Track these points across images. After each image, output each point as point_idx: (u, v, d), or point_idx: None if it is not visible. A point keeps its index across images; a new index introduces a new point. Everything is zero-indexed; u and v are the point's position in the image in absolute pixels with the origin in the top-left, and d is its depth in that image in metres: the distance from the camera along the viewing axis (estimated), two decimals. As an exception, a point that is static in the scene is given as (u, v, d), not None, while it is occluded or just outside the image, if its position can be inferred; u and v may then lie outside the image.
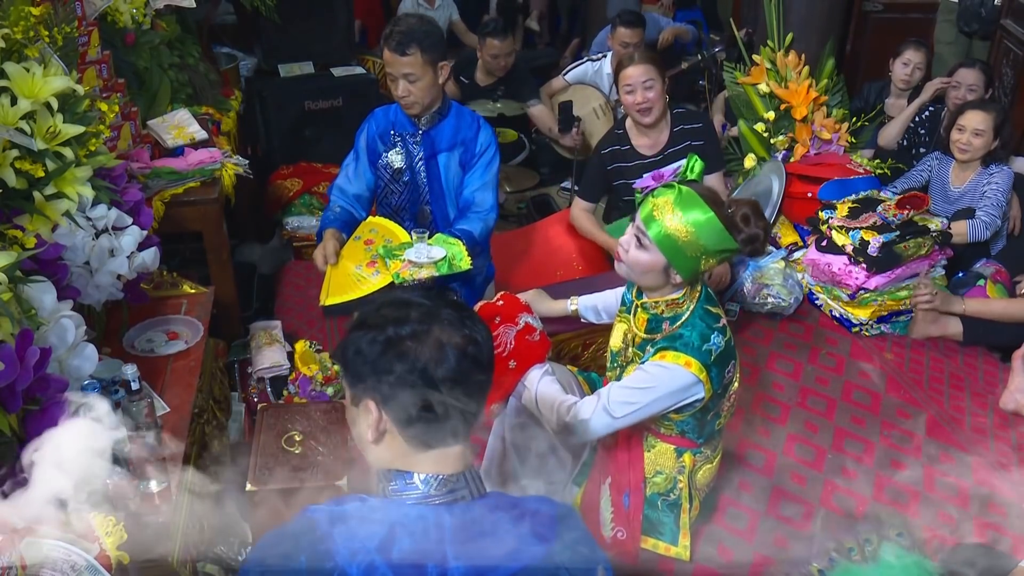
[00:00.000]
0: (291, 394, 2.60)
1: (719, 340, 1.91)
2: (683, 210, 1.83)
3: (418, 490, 1.14)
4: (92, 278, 1.96)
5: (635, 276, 1.96)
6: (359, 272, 2.37)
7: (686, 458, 2.07)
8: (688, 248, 1.83)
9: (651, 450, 2.09)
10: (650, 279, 1.93)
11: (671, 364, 1.88)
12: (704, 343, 1.89)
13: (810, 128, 3.84)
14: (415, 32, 2.42)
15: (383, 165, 2.66)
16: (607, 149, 3.17)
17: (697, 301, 1.94)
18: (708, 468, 2.15)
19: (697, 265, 1.87)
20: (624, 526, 2.09)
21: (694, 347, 1.88)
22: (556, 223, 3.40)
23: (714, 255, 1.86)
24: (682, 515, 2.10)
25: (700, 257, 1.85)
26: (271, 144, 4.13)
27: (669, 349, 1.90)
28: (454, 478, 1.15)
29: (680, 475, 2.08)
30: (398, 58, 2.43)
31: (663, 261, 1.87)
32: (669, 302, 1.95)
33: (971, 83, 3.72)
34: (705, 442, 2.09)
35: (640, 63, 3.00)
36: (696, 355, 1.87)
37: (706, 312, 1.94)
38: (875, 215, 3.28)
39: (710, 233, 1.82)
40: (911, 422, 2.80)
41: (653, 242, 1.86)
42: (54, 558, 1.38)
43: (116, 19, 2.94)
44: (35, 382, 1.49)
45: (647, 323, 1.99)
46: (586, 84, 4.51)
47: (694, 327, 1.91)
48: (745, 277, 3.37)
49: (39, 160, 1.79)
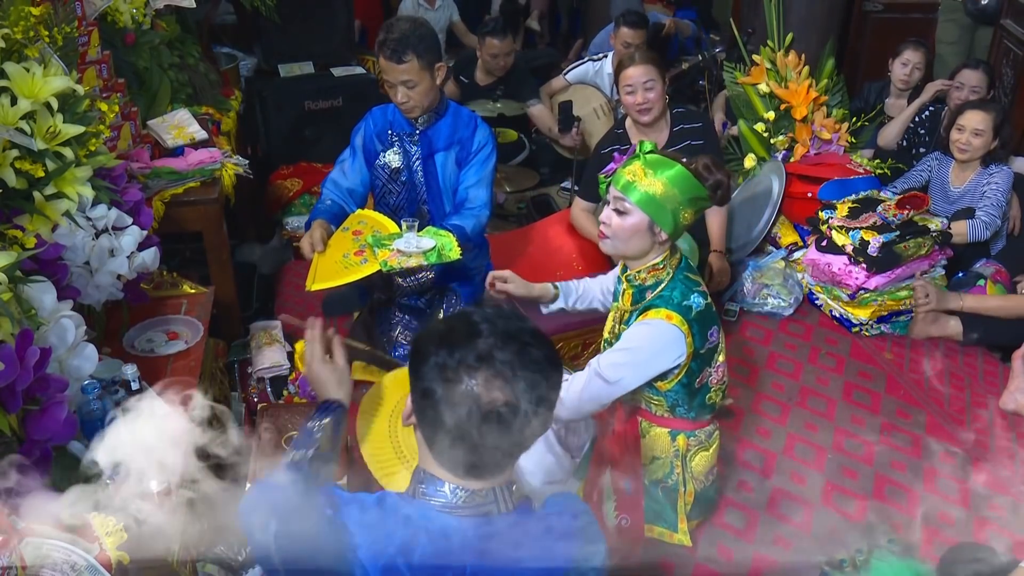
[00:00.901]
0: (291, 394, 2.60)
1: (699, 300, 2.01)
2: (654, 169, 1.96)
3: (445, 498, 1.14)
4: (92, 278, 1.96)
5: (622, 245, 2.03)
6: (347, 259, 2.35)
7: (680, 441, 2.13)
8: (667, 202, 1.95)
9: (646, 435, 2.14)
10: (636, 243, 2.01)
11: (653, 319, 1.98)
12: (684, 300, 1.99)
13: (810, 128, 3.84)
14: (409, 37, 2.40)
15: (381, 165, 2.65)
16: (607, 149, 3.17)
17: (677, 268, 2.05)
18: (704, 455, 2.17)
19: (677, 218, 1.97)
20: (628, 512, 2.14)
21: (674, 302, 1.99)
22: (556, 223, 3.39)
23: (690, 204, 1.97)
24: (679, 500, 2.14)
25: (679, 209, 1.96)
26: (271, 144, 4.13)
27: (650, 308, 2.00)
28: (483, 492, 1.15)
29: (676, 459, 2.13)
30: (395, 66, 2.41)
31: (647, 220, 1.97)
32: (650, 268, 2.04)
33: (974, 84, 3.72)
34: (696, 418, 2.12)
35: (641, 63, 3.00)
36: (675, 308, 1.98)
37: (686, 277, 2.05)
38: (875, 215, 3.28)
39: (683, 183, 1.95)
40: (911, 422, 2.80)
41: (635, 204, 1.96)
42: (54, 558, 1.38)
43: (116, 19, 2.93)
44: (35, 382, 1.49)
45: (632, 296, 2.08)
46: (587, 84, 4.50)
47: (674, 287, 2.02)
48: (745, 277, 3.37)
49: (39, 160, 1.79)
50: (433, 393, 1.10)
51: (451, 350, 1.10)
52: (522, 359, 1.11)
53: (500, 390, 1.08)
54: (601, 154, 3.19)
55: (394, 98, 2.51)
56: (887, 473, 2.57)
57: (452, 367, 1.09)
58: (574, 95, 4.39)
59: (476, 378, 1.08)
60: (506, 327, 1.13)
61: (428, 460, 1.17)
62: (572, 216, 3.29)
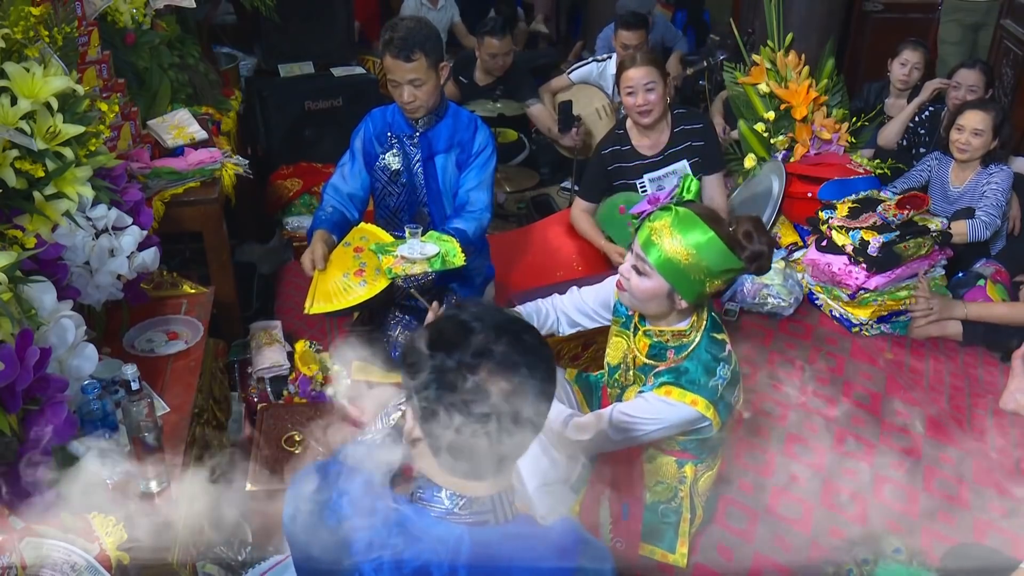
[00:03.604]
0: (291, 394, 2.60)
1: (725, 371, 1.85)
2: (682, 232, 1.77)
3: (443, 505, 1.14)
4: (92, 278, 1.96)
5: (639, 305, 1.91)
6: (346, 280, 2.35)
7: (687, 470, 2.05)
8: (691, 271, 1.78)
9: (651, 462, 2.07)
10: (655, 306, 1.87)
11: (676, 402, 1.82)
12: (711, 379, 1.82)
13: (810, 128, 3.84)
14: (416, 36, 2.39)
15: (381, 167, 2.65)
16: (608, 149, 3.17)
17: (703, 331, 1.88)
18: (709, 475, 2.13)
19: (702, 288, 1.81)
20: (623, 536, 2.08)
21: (700, 384, 1.82)
22: (556, 223, 3.39)
23: (718, 276, 1.80)
24: (682, 524, 2.08)
25: (704, 279, 1.79)
26: (271, 144, 4.13)
27: (674, 386, 1.83)
28: (480, 501, 1.14)
29: (681, 485, 2.06)
30: (403, 64, 2.40)
31: (666, 287, 1.81)
32: (675, 333, 1.89)
33: (971, 83, 3.72)
34: (708, 454, 2.08)
35: (642, 65, 3.00)
36: (703, 392, 1.81)
37: (712, 341, 1.87)
38: (875, 215, 3.28)
39: (712, 254, 1.76)
40: (911, 422, 2.80)
41: (654, 268, 1.80)
42: (54, 558, 1.38)
43: (116, 19, 2.94)
44: (35, 382, 1.49)
45: (649, 348, 1.94)
46: (590, 84, 4.51)
47: (699, 360, 1.84)
48: (745, 277, 3.37)
49: (39, 160, 1.79)
50: (438, 399, 1.09)
51: (448, 352, 1.10)
52: (518, 349, 1.10)
53: (504, 381, 1.08)
54: (602, 154, 3.19)
55: (399, 98, 2.50)
56: (887, 473, 2.56)
57: (452, 368, 1.08)
58: (577, 95, 4.39)
59: (479, 374, 1.08)
60: (495, 320, 1.13)
61: (430, 466, 1.16)
62: (572, 217, 3.28)
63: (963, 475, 2.57)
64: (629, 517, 2.06)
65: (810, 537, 2.32)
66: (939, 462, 2.61)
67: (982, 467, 2.60)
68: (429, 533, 1.11)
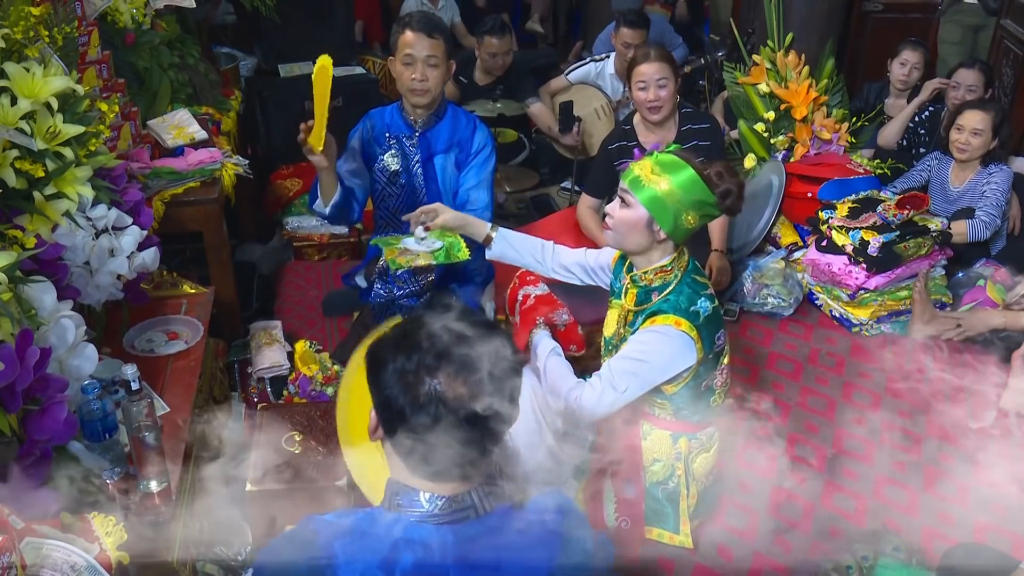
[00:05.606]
0: (291, 394, 2.60)
1: (707, 304, 1.99)
2: (663, 168, 1.96)
3: (423, 508, 1.13)
4: (92, 278, 1.96)
5: (621, 239, 2.03)
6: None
7: (682, 444, 2.12)
8: (670, 200, 1.94)
9: (647, 438, 2.14)
10: (635, 238, 2.00)
11: (661, 326, 1.96)
12: (691, 305, 1.97)
13: (810, 128, 3.84)
14: (435, 20, 2.48)
15: (380, 168, 2.65)
16: (614, 145, 3.18)
17: (685, 270, 2.03)
18: (705, 457, 2.17)
19: (679, 219, 1.95)
20: (628, 515, 2.14)
21: (682, 308, 1.97)
22: (556, 223, 3.39)
23: (694, 208, 1.95)
24: (681, 502, 2.14)
25: (681, 210, 1.94)
26: (271, 144, 4.13)
27: (658, 313, 1.98)
28: (460, 497, 1.14)
29: (677, 462, 2.13)
30: (424, 38, 2.43)
31: (646, 216, 1.96)
32: (657, 270, 2.02)
33: (971, 83, 3.72)
34: (699, 421, 2.12)
35: (655, 61, 3.01)
36: (684, 315, 1.96)
37: (693, 280, 2.02)
38: (875, 215, 3.28)
39: (689, 185, 1.94)
40: (911, 422, 2.80)
41: (636, 199, 1.97)
42: (54, 558, 1.38)
43: (116, 19, 2.94)
44: (35, 382, 1.49)
45: (636, 296, 2.06)
46: (588, 84, 4.51)
47: (681, 292, 2.00)
48: (745, 277, 3.37)
49: (39, 160, 1.79)
50: (396, 400, 1.08)
51: (408, 354, 1.08)
52: (479, 350, 1.09)
53: (464, 385, 1.07)
54: (608, 150, 3.19)
55: (409, 78, 2.49)
56: (887, 473, 2.56)
57: (411, 370, 1.07)
58: (575, 95, 4.39)
59: (438, 377, 1.06)
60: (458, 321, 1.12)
61: (401, 471, 1.15)
62: (578, 213, 3.28)
63: (963, 475, 2.56)
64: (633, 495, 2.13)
65: (810, 537, 2.32)
66: (939, 462, 2.61)
67: (982, 467, 2.60)
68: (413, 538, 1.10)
